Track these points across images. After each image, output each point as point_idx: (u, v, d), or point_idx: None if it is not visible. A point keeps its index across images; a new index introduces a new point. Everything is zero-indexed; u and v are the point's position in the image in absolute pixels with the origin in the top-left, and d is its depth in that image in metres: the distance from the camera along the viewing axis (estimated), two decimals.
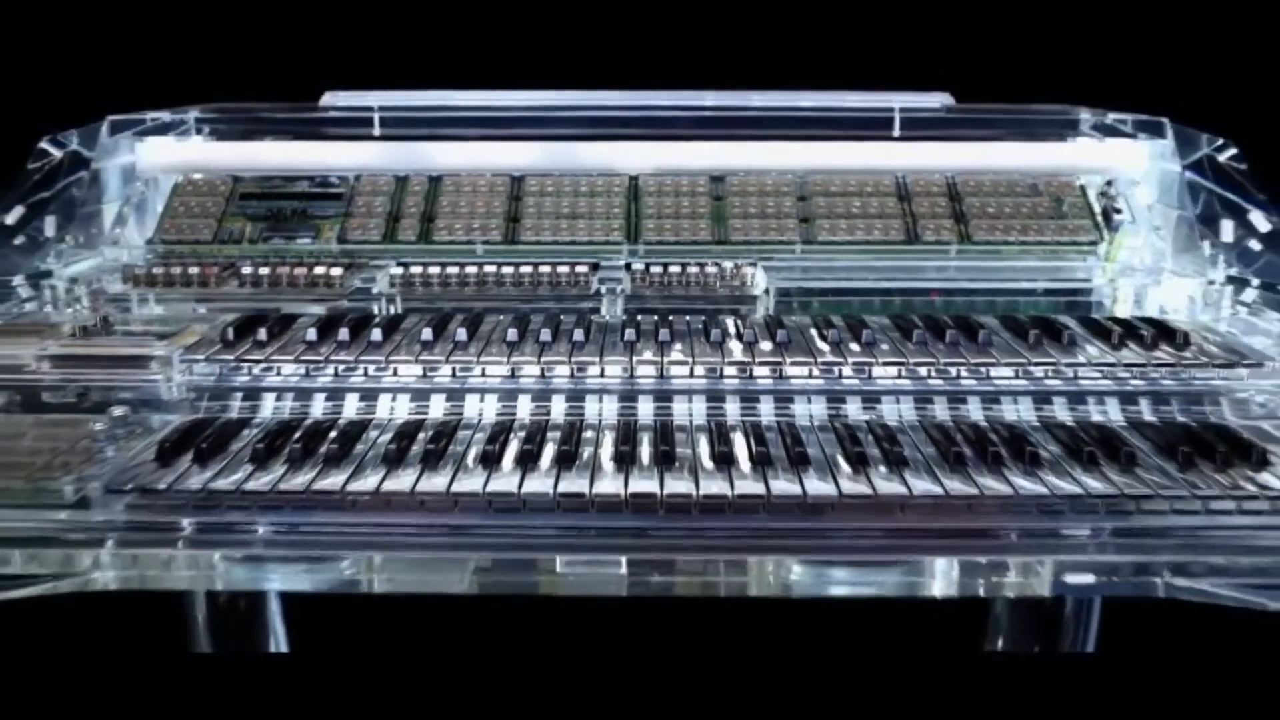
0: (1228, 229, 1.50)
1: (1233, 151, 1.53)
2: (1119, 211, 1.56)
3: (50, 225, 1.53)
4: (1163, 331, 1.31)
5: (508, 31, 2.09)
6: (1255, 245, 1.49)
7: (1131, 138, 1.62)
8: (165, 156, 1.63)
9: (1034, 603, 1.94)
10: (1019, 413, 1.27)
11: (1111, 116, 1.66)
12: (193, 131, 1.68)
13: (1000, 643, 2.00)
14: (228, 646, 1.91)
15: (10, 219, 1.52)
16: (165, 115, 1.67)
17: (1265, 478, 1.11)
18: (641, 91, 1.63)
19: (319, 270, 1.45)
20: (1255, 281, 1.47)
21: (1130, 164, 1.61)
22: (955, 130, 1.60)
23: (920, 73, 1.90)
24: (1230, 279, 1.47)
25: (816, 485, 1.09)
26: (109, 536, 1.07)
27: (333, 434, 1.19)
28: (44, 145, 1.56)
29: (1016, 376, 1.27)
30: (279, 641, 2.01)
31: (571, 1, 2.08)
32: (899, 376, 1.27)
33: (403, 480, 1.10)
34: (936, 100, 1.64)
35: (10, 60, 2.08)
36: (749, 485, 1.09)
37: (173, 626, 1.92)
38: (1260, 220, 1.49)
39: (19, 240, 1.51)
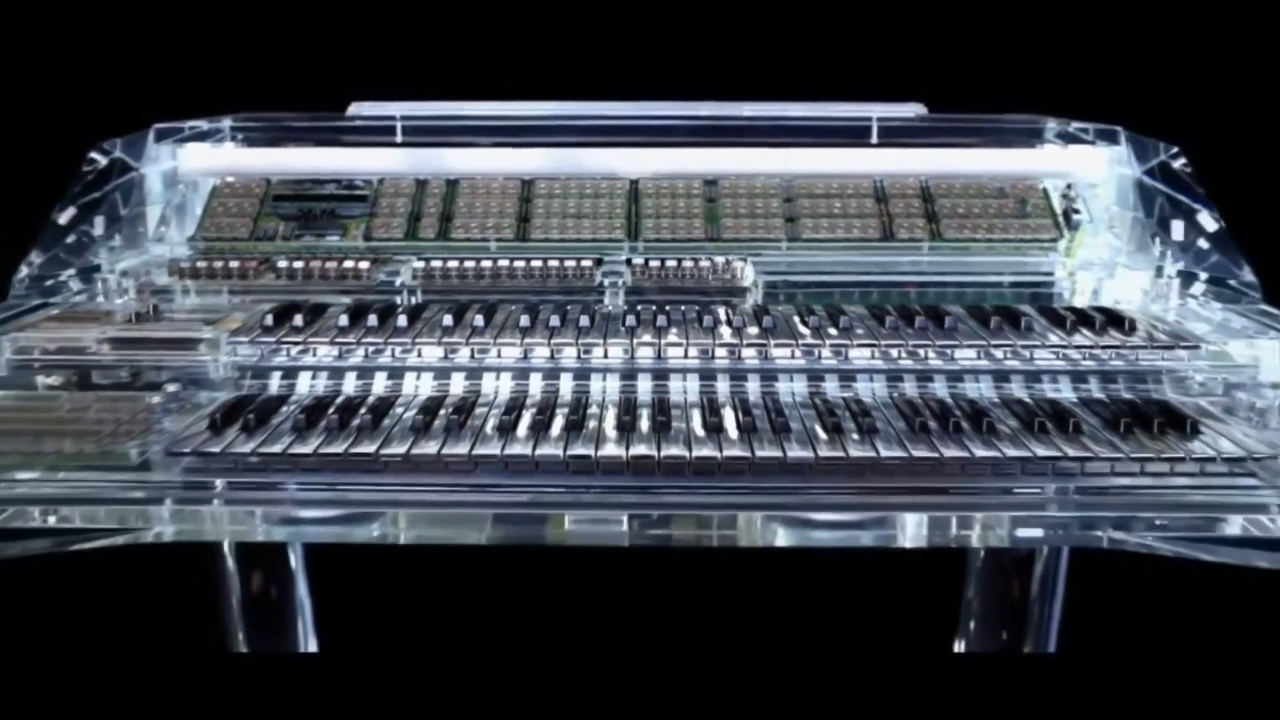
0: (1178, 229, 1.64)
1: (1183, 160, 1.67)
2: (1078, 212, 1.70)
3: (99, 225, 1.67)
4: (1112, 318, 1.45)
5: (514, 33, 2.22)
6: (1203, 244, 1.63)
7: (1091, 144, 1.76)
8: (203, 161, 1.75)
9: (1000, 601, 2.08)
10: (980, 390, 1.40)
11: (1074, 125, 1.79)
12: (228, 138, 1.81)
13: (968, 637, 2.13)
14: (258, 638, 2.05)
15: (63, 219, 1.65)
16: (203, 124, 1.79)
17: (1196, 445, 1.25)
18: (641, 102, 1.74)
19: (347, 264, 1.59)
20: (1203, 276, 1.61)
21: (1089, 169, 1.74)
22: (928, 138, 1.73)
23: (904, 73, 2.05)
24: (1180, 273, 1.61)
25: (796, 450, 1.22)
26: (168, 494, 1.20)
27: (364, 408, 1.32)
28: (93, 154, 1.69)
29: (978, 358, 1.39)
30: (308, 630, 2.13)
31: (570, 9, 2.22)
32: (872, 358, 1.40)
33: (428, 446, 1.23)
34: (911, 110, 1.76)
35: (38, 60, 2.22)
36: (736, 450, 1.22)
37: (205, 622, 2.06)
38: (1208, 221, 1.63)
39: (70, 239, 1.65)
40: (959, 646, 2.17)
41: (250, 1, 2.24)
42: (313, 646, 2.16)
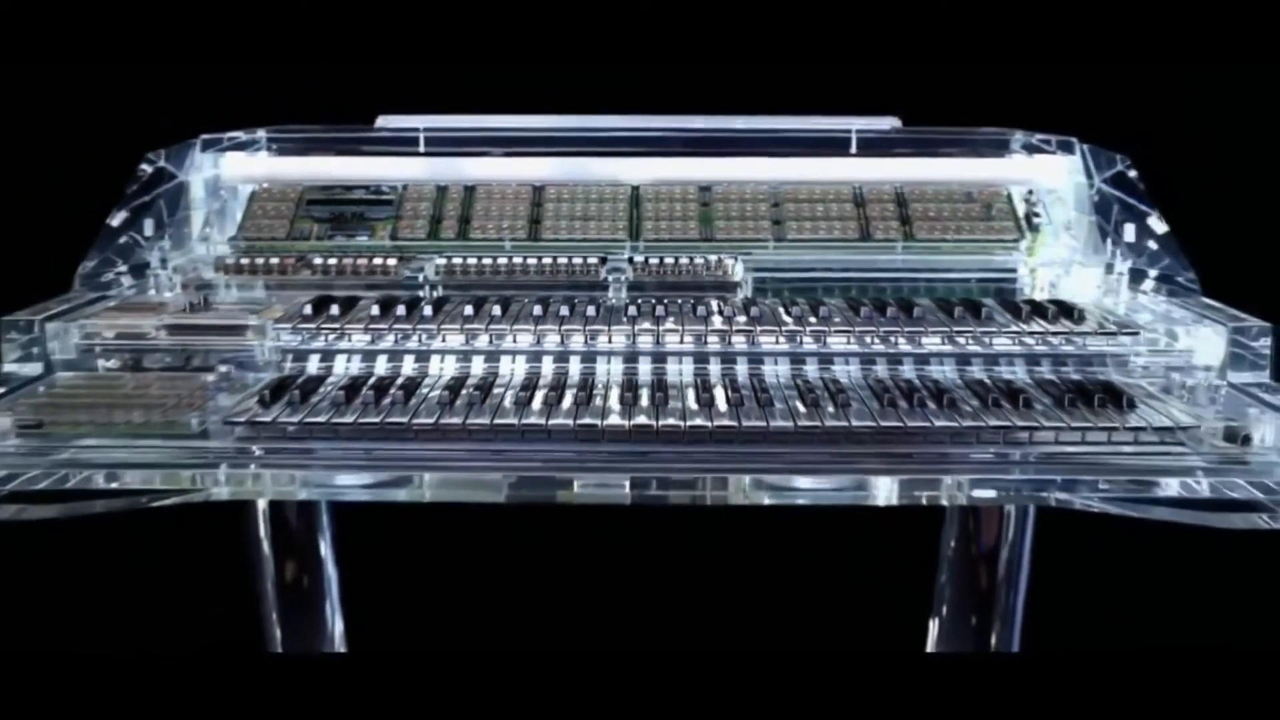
0: (1130, 231, 1.81)
1: (1134, 171, 1.84)
2: (1038, 215, 1.86)
3: (148, 227, 1.83)
4: (1063, 309, 1.61)
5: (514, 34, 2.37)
6: (1152, 245, 1.79)
7: (1052, 154, 1.93)
8: (242, 169, 1.92)
9: (969, 588, 2.21)
10: (944, 372, 1.56)
11: (1037, 137, 1.96)
12: (264, 148, 1.97)
13: (940, 618, 2.28)
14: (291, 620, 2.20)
15: (115, 222, 1.81)
16: (240, 134, 1.96)
17: (1131, 417, 1.41)
18: (641, 116, 1.90)
19: (376, 262, 1.75)
20: (1153, 273, 1.78)
21: (1050, 177, 1.90)
22: (902, 149, 1.90)
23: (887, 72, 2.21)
24: (1132, 271, 1.77)
25: (778, 421, 1.39)
26: (225, 459, 1.36)
27: (395, 386, 1.48)
28: (143, 164, 1.85)
29: (943, 343, 1.55)
30: (334, 609, 2.28)
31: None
32: (848, 343, 1.56)
33: (453, 418, 1.39)
34: (887, 124, 1.92)
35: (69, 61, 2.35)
36: (726, 421, 1.38)
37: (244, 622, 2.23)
38: (1157, 224, 1.80)
39: (122, 240, 1.81)
40: (932, 627, 2.32)
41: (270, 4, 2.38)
42: (339, 627, 2.31)
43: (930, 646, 2.30)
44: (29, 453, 1.37)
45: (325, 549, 2.24)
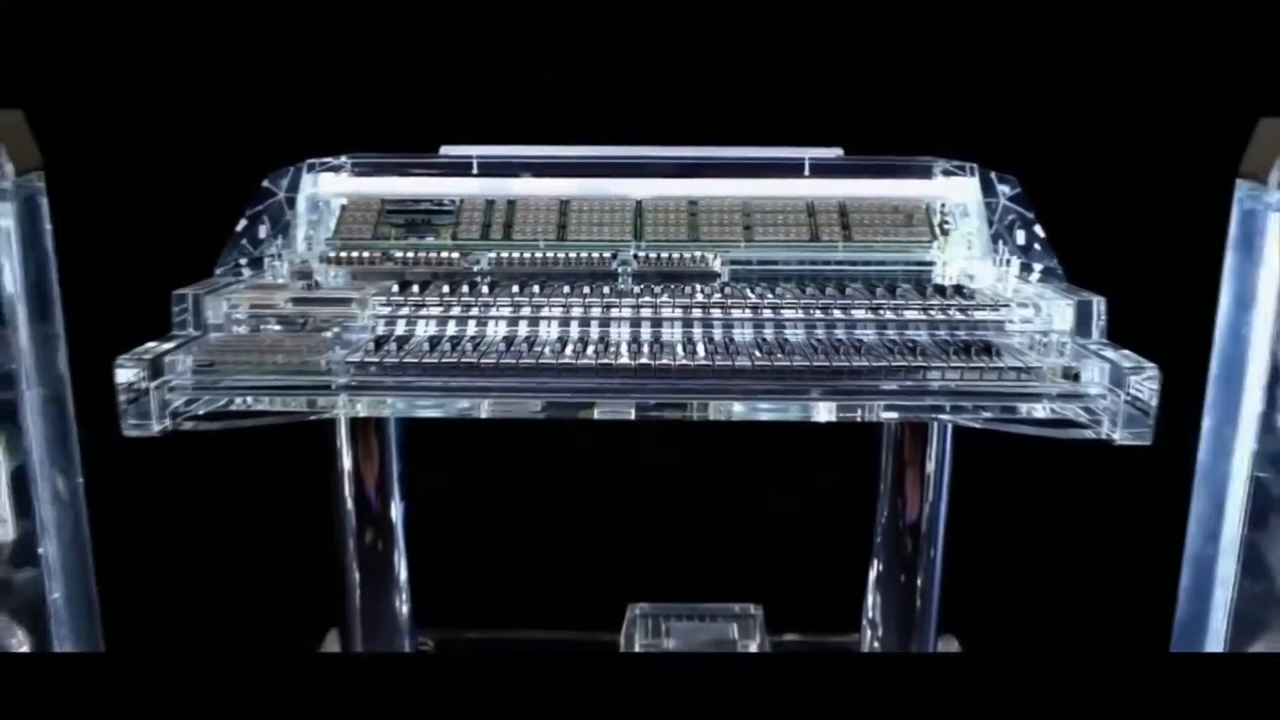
0: (1020, 235, 2.35)
1: (1020, 189, 2.38)
2: (948, 223, 2.41)
3: (263, 231, 2.38)
4: (959, 290, 2.16)
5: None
6: (1037, 246, 2.34)
7: (963, 177, 2.47)
8: (334, 187, 2.44)
9: (896, 602, 2.68)
10: (867, 335, 2.09)
11: (954, 164, 2.51)
12: (348, 171, 2.52)
13: (877, 569, 2.75)
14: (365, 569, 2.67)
15: (239, 228, 2.35)
16: (331, 159, 2.51)
17: (997, 361, 1.95)
18: (643, 147, 2.38)
19: (442, 255, 2.29)
20: (1038, 268, 2.32)
21: (960, 194, 2.44)
22: (843, 173, 2.43)
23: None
24: (1023, 265, 2.31)
25: (741, 361, 1.93)
26: (345, 389, 1.90)
27: (463, 341, 2.01)
28: (263, 185, 2.40)
29: (866, 314, 2.09)
30: (401, 555, 2.73)
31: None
32: (796, 313, 2.10)
33: (509, 359, 1.93)
34: (833, 153, 2.45)
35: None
36: (704, 362, 1.92)
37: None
38: (1039, 230, 2.34)
39: (243, 242, 2.36)
40: (872, 570, 2.80)
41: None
42: (404, 573, 2.77)
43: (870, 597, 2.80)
44: (201, 386, 1.91)
45: (396, 514, 2.67)
